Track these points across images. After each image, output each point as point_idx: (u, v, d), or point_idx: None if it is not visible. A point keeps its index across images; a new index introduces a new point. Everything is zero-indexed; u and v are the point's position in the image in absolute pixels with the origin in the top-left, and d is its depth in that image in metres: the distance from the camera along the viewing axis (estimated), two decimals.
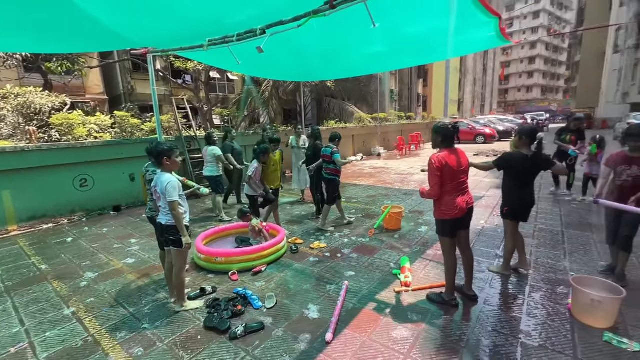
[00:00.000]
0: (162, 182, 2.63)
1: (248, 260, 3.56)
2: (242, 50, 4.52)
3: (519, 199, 3.08)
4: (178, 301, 2.89)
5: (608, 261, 3.36)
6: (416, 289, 3.06)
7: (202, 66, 11.12)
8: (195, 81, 12.97)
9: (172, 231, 2.73)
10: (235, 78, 18.54)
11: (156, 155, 2.75)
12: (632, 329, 2.40)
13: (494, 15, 3.60)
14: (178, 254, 2.78)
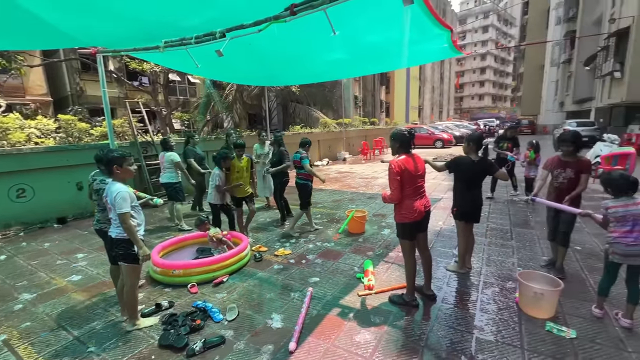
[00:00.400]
0: (112, 193, 2.44)
1: (208, 271, 3.41)
2: (201, 53, 4.38)
3: (468, 200, 3.28)
4: (130, 320, 2.68)
5: (549, 256, 3.67)
6: (379, 292, 3.12)
7: (159, 68, 10.61)
8: (152, 83, 12.30)
9: (122, 245, 2.54)
10: (196, 81, 17.92)
11: (106, 163, 2.55)
12: (569, 318, 2.63)
13: (446, 28, 3.83)
14: (129, 270, 2.59)
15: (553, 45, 29.14)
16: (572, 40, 23.10)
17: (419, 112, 41.22)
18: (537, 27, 34.88)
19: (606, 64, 15.22)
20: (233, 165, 4.52)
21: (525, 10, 41.27)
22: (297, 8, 3.02)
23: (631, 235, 2.38)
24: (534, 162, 6.16)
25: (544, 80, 33.69)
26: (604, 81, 16.08)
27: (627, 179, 2.45)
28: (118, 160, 2.53)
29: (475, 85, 68.46)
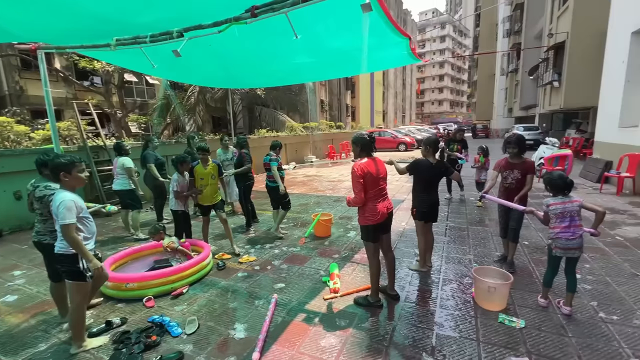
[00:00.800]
0: (55, 202, 2.22)
1: (166, 282, 3.21)
2: (157, 53, 4.17)
3: (426, 201, 3.41)
4: (74, 341, 2.44)
5: (501, 252, 3.92)
6: (344, 294, 3.13)
7: (112, 67, 9.95)
8: (105, 84, 11.51)
9: (65, 261, 2.31)
10: (155, 82, 17.04)
11: (52, 169, 2.30)
12: (519, 309, 2.82)
13: (405, 36, 3.98)
14: (75, 287, 2.37)
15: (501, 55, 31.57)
16: (517, 51, 25.17)
17: (383, 116, 42.57)
18: (488, 38, 37.66)
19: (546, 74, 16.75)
20: (196, 172, 4.21)
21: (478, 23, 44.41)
22: (258, 10, 2.98)
23: (569, 230, 2.61)
24: (484, 167, 6.50)
25: (495, 88, 36.37)
26: (545, 90, 17.69)
27: (564, 180, 2.68)
28: (66, 167, 2.30)
29: (434, 92, 72.22)
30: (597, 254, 3.94)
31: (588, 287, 3.17)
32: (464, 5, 71.47)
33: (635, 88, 7.65)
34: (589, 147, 11.88)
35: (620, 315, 2.69)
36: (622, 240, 4.37)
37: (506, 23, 30.01)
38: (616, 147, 8.03)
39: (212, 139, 9.82)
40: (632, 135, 7.41)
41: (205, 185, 4.20)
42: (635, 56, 7.71)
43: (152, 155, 5.59)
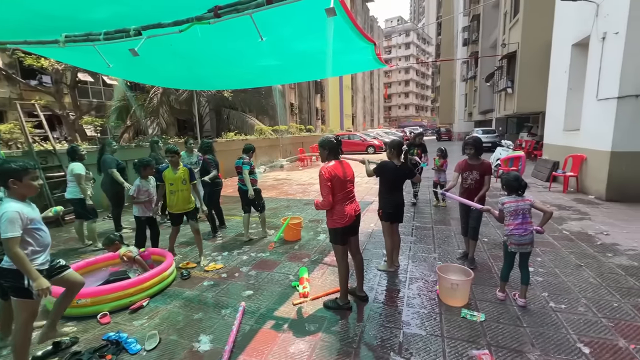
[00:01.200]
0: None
1: (124, 296, 3.00)
2: (113, 51, 3.92)
3: (391, 202, 3.50)
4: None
5: (463, 249, 4.10)
6: (314, 298, 3.11)
7: (63, 65, 9.23)
8: (56, 83, 10.62)
9: (9, 276, 2.09)
10: (114, 82, 16.05)
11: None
12: (479, 303, 2.96)
13: (370, 42, 4.07)
14: (20, 305, 2.14)
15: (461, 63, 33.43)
16: (475, 59, 26.80)
17: (353, 119, 43.34)
18: (449, 46, 39.70)
19: (501, 81, 17.98)
20: (165, 177, 3.94)
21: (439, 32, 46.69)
22: (221, 10, 2.90)
23: (522, 227, 2.79)
24: (441, 168, 6.59)
25: (456, 94, 38.37)
26: (500, 95, 18.97)
27: (519, 181, 2.87)
28: (16, 173, 2.08)
29: (401, 96, 74.84)
30: (547, 247, 4.25)
31: (540, 279, 3.40)
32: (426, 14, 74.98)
33: (576, 95, 8.41)
34: (539, 149, 12.87)
35: (567, 304, 2.91)
36: (568, 234, 4.76)
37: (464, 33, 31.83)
38: (562, 148, 8.77)
39: (177, 142, 9.42)
40: (575, 138, 8.13)
41: (176, 191, 3.94)
42: (575, 66, 8.48)
43: (113, 160, 5.22)
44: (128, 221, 6.13)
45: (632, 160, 6.31)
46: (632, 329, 2.52)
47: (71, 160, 4.68)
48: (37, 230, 2.18)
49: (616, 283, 3.26)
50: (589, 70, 7.46)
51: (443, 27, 41.37)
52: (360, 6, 40.97)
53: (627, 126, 6.27)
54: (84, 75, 12.97)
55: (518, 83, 15.13)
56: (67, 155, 4.81)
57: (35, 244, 2.16)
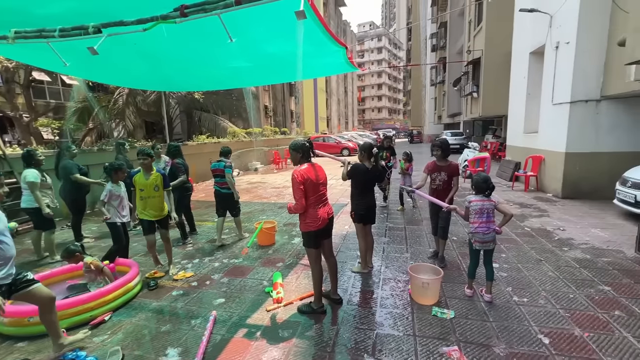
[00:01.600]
0: None
1: (83, 311, 2.80)
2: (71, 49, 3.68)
3: (363, 204, 3.54)
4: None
5: (434, 248, 4.23)
6: (288, 304, 3.07)
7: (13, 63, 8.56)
8: (6, 82, 9.82)
9: None
10: (74, 82, 15.10)
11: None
12: (449, 300, 3.06)
13: (341, 45, 4.11)
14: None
15: (430, 68, 34.73)
16: (444, 65, 27.94)
17: (327, 122, 43.63)
18: (419, 52, 41.12)
19: (467, 86, 18.86)
20: (136, 182, 3.64)
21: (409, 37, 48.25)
22: (188, 10, 2.80)
23: (485, 226, 2.92)
24: (406, 172, 6.35)
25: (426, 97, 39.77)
26: (467, 99, 19.91)
27: (487, 183, 3.00)
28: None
29: (374, 100, 76.43)
30: (511, 244, 4.48)
31: (504, 274, 3.57)
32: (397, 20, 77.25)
33: (534, 100, 8.98)
34: (503, 151, 13.61)
35: (529, 297, 3.07)
36: (529, 230, 5.05)
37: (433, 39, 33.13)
38: (523, 150, 9.32)
39: (144, 145, 9.00)
40: (534, 140, 8.67)
41: (147, 197, 3.66)
42: (533, 73, 9.06)
43: (74, 165, 4.89)
44: (90, 230, 5.77)
45: (584, 161, 6.83)
46: (585, 318, 2.71)
47: (26, 166, 4.33)
48: (2, 243, 2.03)
49: (572, 275, 3.49)
50: (544, 77, 8.00)
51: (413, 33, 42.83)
52: (333, 10, 41.47)
53: (579, 129, 6.78)
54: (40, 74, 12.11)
55: (483, 88, 15.94)
56: (23, 160, 4.43)
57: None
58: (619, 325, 2.60)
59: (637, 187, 5.07)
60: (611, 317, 2.71)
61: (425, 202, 7.10)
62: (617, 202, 5.55)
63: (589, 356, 2.27)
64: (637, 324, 2.62)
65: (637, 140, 6.52)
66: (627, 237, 4.55)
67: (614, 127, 6.60)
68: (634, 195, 5.02)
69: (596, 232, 4.85)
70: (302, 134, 25.79)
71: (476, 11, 17.37)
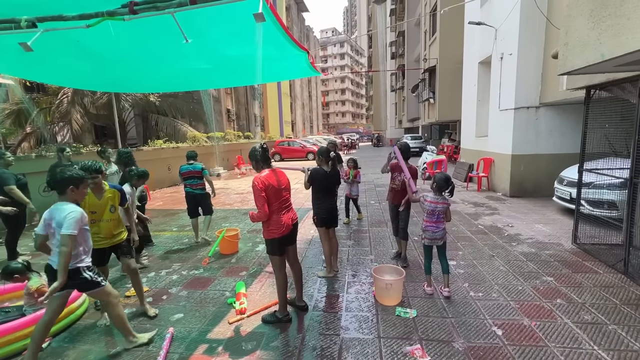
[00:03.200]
0: None
1: (15, 339, 2.47)
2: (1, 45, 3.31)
3: (323, 207, 3.55)
4: None
5: (396, 249, 4.34)
6: (251, 314, 2.96)
7: None
8: None
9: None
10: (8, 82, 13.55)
11: None
12: (411, 299, 3.14)
13: (303, 50, 4.10)
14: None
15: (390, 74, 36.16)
16: (402, 71, 29.23)
17: (292, 126, 43.53)
18: (379, 58, 42.65)
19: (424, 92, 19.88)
20: (84, 202, 2.70)
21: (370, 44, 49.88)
22: (138, 7, 2.63)
23: (435, 225, 3.17)
24: (355, 180, 5.81)
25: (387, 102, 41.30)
26: (425, 105, 20.97)
27: (448, 183, 3.15)
28: (77, 181, 2.32)
29: (338, 104, 77.78)
30: (466, 242, 4.74)
31: (461, 271, 3.76)
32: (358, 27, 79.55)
33: (484, 106, 9.68)
34: (457, 153, 14.49)
35: (483, 291, 3.26)
36: (482, 228, 5.38)
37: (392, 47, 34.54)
38: (475, 152, 9.98)
39: (89, 151, 8.29)
40: (484, 143, 9.33)
41: (99, 220, 2.84)
42: (482, 81, 9.77)
43: (11, 175, 4.30)
44: (27, 246, 5.17)
45: (527, 162, 7.46)
46: (533, 308, 2.92)
47: None
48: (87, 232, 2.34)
49: (520, 269, 3.76)
50: (492, 85, 8.65)
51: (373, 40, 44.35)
52: (296, 15, 41.66)
53: (522, 133, 7.40)
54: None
55: (438, 94, 16.88)
56: None
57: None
58: (560, 313, 2.84)
59: (572, 185, 5.63)
60: (554, 306, 2.95)
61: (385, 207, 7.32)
62: (555, 199, 6.11)
63: (537, 344, 2.44)
64: (575, 310, 2.88)
65: (570, 143, 7.26)
66: (565, 231, 5.02)
67: (551, 131, 7.29)
68: (569, 192, 5.56)
69: (539, 227, 5.30)
70: (266, 138, 25.45)
71: (431, 22, 18.40)
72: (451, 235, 4.97)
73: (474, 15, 9.49)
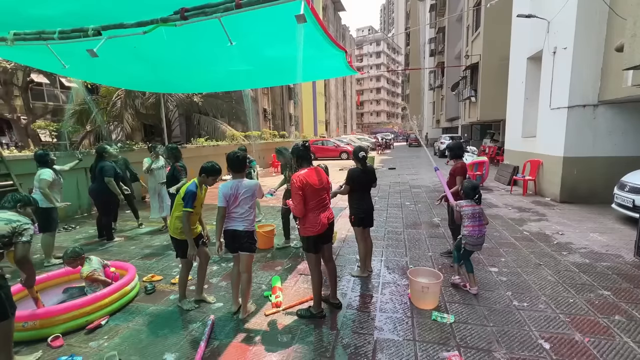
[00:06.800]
0: None
1: (79, 315, 2.76)
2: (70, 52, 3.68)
3: (361, 207, 3.53)
4: None
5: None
6: (287, 308, 3.04)
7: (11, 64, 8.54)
8: (5, 84, 9.78)
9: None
10: (73, 85, 15.07)
11: None
12: (448, 305, 3.04)
13: (341, 49, 4.12)
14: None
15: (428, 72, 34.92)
16: (442, 69, 28.11)
17: (326, 126, 43.72)
18: (417, 56, 41.37)
19: (465, 90, 18.97)
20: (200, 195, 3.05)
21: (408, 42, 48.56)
22: (188, 13, 2.81)
23: (478, 229, 3.10)
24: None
25: (424, 101, 39.96)
26: (465, 104, 20.00)
27: (475, 191, 3.17)
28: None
29: (373, 103, 76.75)
30: (509, 248, 4.47)
31: (504, 278, 3.56)
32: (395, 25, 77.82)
33: (532, 104, 9.04)
34: (501, 155, 13.66)
35: (529, 302, 3.06)
36: (528, 234, 5.05)
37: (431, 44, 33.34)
38: (521, 154, 9.35)
39: (141, 147, 8.97)
40: (532, 144, 8.71)
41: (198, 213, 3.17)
42: (530, 78, 9.13)
43: (111, 167, 5.20)
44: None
45: (582, 165, 6.86)
46: (586, 323, 2.70)
47: (41, 166, 4.34)
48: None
49: (571, 280, 3.48)
50: (542, 82, 8.05)
51: (411, 38, 43.09)
52: (332, 15, 41.75)
53: (576, 134, 6.81)
54: (38, 76, 12.08)
55: (480, 92, 16.02)
56: (36, 160, 4.42)
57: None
58: (619, 330, 2.59)
59: (635, 192, 5.09)
60: (611, 322, 2.70)
61: (420, 209, 7.11)
62: (615, 206, 5.56)
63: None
64: (637, 328, 2.61)
65: (633, 145, 6.56)
66: (626, 242, 4.55)
67: (611, 132, 6.64)
68: (632, 199, 5.03)
69: (595, 237, 4.85)
70: (301, 137, 25.81)
71: (474, 16, 17.51)
72: (492, 241, 4.72)
73: (524, 7, 8.87)
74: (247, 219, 2.89)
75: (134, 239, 5.41)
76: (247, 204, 2.88)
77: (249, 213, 2.90)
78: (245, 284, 2.94)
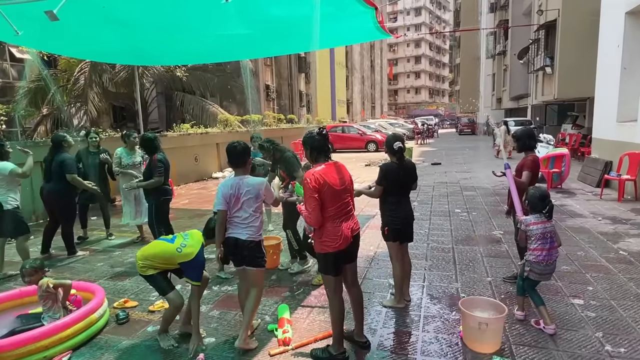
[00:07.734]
0: None
1: (35, 350, 2.87)
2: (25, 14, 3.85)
3: (398, 214, 3.51)
4: None
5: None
6: (298, 346, 3.06)
7: None
8: None
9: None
10: (27, 57, 15.66)
11: None
12: (515, 347, 2.98)
13: (370, 6, 4.12)
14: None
15: (487, 34, 34.25)
16: (505, 30, 27.56)
17: (348, 107, 43.67)
18: (471, 13, 40.69)
19: (537, 58, 18.55)
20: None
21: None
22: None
23: (549, 253, 3.09)
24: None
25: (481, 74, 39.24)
26: (537, 76, 19.56)
27: (545, 201, 3.11)
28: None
29: (410, 77, 76.09)
30: (600, 272, 4.35)
31: (592, 314, 3.46)
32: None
33: (632, 76, 8.72)
34: (587, 145, 13.28)
35: (627, 346, 2.96)
36: (625, 255, 4.88)
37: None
38: (615, 144, 9.05)
39: (110, 136, 9.25)
40: (631, 132, 8.41)
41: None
42: (630, 39, 8.80)
43: (73, 162, 5.39)
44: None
45: None
46: None
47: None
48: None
49: None
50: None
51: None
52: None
53: None
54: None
55: (559, 60, 15.61)
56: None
57: None
58: None
59: None
60: None
61: (475, 219, 6.99)
62: None
63: None
64: None
65: None
66: None
67: None
68: None
69: None
70: (314, 123, 25.88)
71: None
72: (575, 263, 4.61)
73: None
74: (252, 225, 2.95)
75: (102, 253, 5.58)
76: (251, 207, 2.95)
77: (254, 218, 2.97)
78: (255, 300, 3.05)
